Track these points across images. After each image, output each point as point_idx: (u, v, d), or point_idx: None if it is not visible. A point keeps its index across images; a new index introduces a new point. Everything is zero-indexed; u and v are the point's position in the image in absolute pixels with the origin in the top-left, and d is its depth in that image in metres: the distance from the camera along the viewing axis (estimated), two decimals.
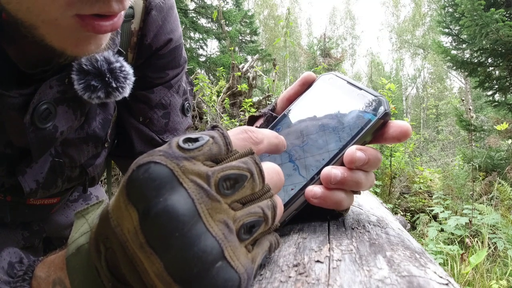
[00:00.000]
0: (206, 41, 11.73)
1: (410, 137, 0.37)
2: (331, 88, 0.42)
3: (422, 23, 23.23)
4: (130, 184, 0.23)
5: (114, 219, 0.24)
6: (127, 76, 0.47)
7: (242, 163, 0.26)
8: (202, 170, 0.24)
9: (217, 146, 0.26)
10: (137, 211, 0.23)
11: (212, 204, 0.24)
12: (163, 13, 0.59)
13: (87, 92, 0.45)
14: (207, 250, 0.22)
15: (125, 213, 0.23)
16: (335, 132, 0.38)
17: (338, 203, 0.36)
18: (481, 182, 4.08)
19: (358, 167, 0.36)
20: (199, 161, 0.25)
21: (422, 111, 18.27)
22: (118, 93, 0.47)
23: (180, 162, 0.24)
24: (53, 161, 0.54)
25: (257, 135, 0.31)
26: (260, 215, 0.26)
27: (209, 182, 0.24)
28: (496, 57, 4.80)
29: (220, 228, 0.24)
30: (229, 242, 0.24)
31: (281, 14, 23.79)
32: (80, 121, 0.52)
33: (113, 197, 0.25)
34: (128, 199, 0.23)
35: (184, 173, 0.24)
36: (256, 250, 0.27)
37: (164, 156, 0.24)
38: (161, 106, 0.64)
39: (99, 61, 0.45)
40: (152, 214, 0.22)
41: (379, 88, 6.78)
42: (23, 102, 0.43)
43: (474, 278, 2.23)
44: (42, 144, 0.47)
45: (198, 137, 0.26)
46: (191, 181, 0.24)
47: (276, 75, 5.91)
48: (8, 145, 0.49)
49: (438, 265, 0.29)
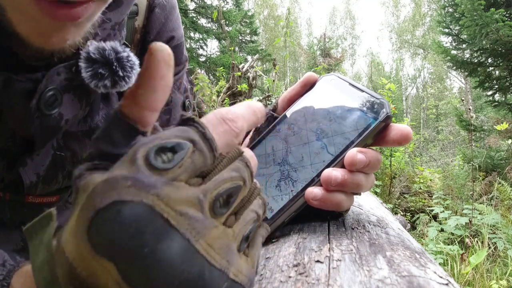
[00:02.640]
0: (206, 41, 11.74)
1: (411, 140, 0.37)
2: (332, 90, 0.42)
3: (422, 23, 23.23)
4: (94, 236, 0.18)
5: (82, 270, 0.19)
6: (133, 66, 0.48)
7: (234, 171, 0.22)
8: (191, 195, 0.19)
9: (201, 155, 0.21)
10: (114, 265, 0.18)
11: (210, 233, 0.20)
12: (166, 11, 0.61)
13: (94, 80, 0.45)
14: (214, 282, 0.20)
15: (97, 266, 0.18)
16: (336, 134, 0.38)
17: (338, 205, 0.36)
18: (481, 182, 4.08)
19: (358, 169, 0.36)
20: (182, 181, 0.19)
21: (422, 111, 18.27)
22: (124, 82, 0.47)
23: (160, 191, 0.18)
24: (55, 154, 0.54)
25: (237, 124, 0.25)
26: (255, 219, 0.25)
27: (202, 208, 0.20)
28: (496, 57, 4.80)
29: (222, 256, 0.21)
30: (233, 265, 0.22)
31: (281, 14, 23.79)
32: (84, 111, 0.52)
33: (68, 236, 0.20)
34: (96, 253, 0.18)
35: (169, 205, 0.18)
36: (252, 251, 0.26)
37: (135, 188, 0.18)
38: None
39: (107, 50, 0.45)
40: (138, 268, 0.18)
41: (379, 88, 6.78)
42: (30, 87, 0.43)
43: (474, 278, 2.23)
44: (47, 131, 0.47)
45: (174, 144, 0.20)
46: (180, 214, 0.19)
47: (276, 75, 5.91)
48: (11, 138, 0.49)
49: (438, 265, 0.29)
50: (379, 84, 5.02)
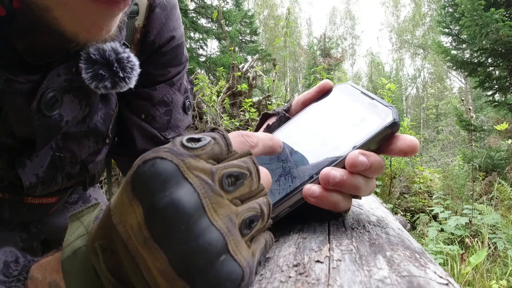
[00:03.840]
0: (206, 41, 11.74)
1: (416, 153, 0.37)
2: (344, 96, 0.44)
3: (422, 23, 23.24)
4: (136, 178, 0.24)
5: (117, 216, 0.24)
6: (133, 67, 0.48)
7: (243, 162, 0.28)
8: (206, 167, 0.25)
9: (219, 147, 0.27)
10: (141, 206, 0.23)
11: (216, 198, 0.24)
12: (166, 11, 0.60)
13: (94, 81, 0.45)
14: (212, 243, 0.23)
15: (129, 209, 0.23)
16: (341, 135, 0.39)
17: (334, 205, 0.36)
18: (481, 182, 4.08)
19: (359, 171, 0.35)
20: (202, 159, 0.26)
21: (422, 111, 18.27)
22: (124, 83, 0.47)
23: (185, 158, 0.25)
24: (54, 155, 0.54)
25: (252, 139, 0.33)
26: (258, 210, 0.28)
27: (213, 178, 0.25)
28: (496, 57, 4.80)
29: (224, 222, 0.24)
30: (232, 236, 0.24)
31: (281, 14, 23.80)
32: (84, 112, 0.52)
33: (115, 195, 0.25)
34: (133, 194, 0.23)
35: (189, 169, 0.24)
36: (254, 246, 0.27)
37: (170, 153, 0.24)
38: (163, 103, 0.65)
39: (107, 51, 0.45)
40: (157, 208, 0.22)
41: (379, 88, 6.78)
42: (30, 88, 0.43)
43: (474, 278, 2.23)
44: (47, 132, 0.47)
45: (201, 137, 0.27)
46: (196, 176, 0.24)
47: (276, 75, 5.91)
48: (10, 136, 0.49)
49: (438, 265, 0.29)
50: (379, 84, 5.02)
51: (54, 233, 0.79)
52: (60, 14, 0.35)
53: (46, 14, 0.35)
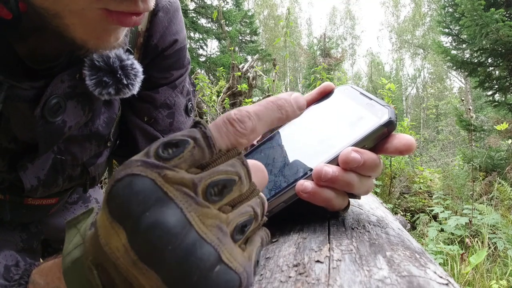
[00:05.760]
0: (206, 41, 11.75)
1: (413, 151, 0.36)
2: (343, 97, 0.44)
3: (422, 23, 23.24)
4: (112, 201, 0.22)
5: (102, 238, 0.23)
6: (137, 73, 0.48)
7: (230, 166, 0.25)
8: (187, 179, 0.23)
9: (200, 150, 0.24)
10: (124, 229, 0.22)
11: (202, 210, 0.23)
12: (169, 15, 0.60)
13: (98, 88, 0.45)
14: (204, 257, 0.22)
15: (111, 231, 0.22)
16: (338, 134, 0.39)
17: (327, 201, 0.36)
18: (481, 182, 4.08)
19: (352, 168, 0.35)
20: (182, 169, 0.23)
21: (422, 111, 18.27)
22: (128, 90, 0.47)
23: (162, 171, 0.22)
24: (55, 158, 0.54)
25: (245, 124, 0.27)
26: (251, 213, 0.26)
27: (195, 190, 0.23)
28: (496, 57, 4.80)
29: (213, 233, 0.23)
30: (225, 246, 0.23)
31: (281, 14, 23.80)
32: (87, 117, 0.53)
33: (100, 211, 0.24)
34: (111, 217, 0.22)
35: (168, 182, 0.22)
36: (249, 247, 0.26)
37: (143, 167, 0.22)
38: (166, 106, 0.65)
39: (111, 58, 0.45)
40: (140, 230, 0.21)
41: (379, 88, 6.78)
42: (34, 95, 0.43)
43: (474, 278, 2.23)
44: (50, 138, 0.47)
45: (178, 141, 0.24)
46: (177, 189, 0.22)
47: (276, 75, 5.90)
48: (13, 140, 0.49)
49: (438, 265, 0.29)
50: (379, 84, 5.02)
51: (54, 233, 0.79)
52: (72, 22, 0.36)
53: (57, 21, 0.36)
